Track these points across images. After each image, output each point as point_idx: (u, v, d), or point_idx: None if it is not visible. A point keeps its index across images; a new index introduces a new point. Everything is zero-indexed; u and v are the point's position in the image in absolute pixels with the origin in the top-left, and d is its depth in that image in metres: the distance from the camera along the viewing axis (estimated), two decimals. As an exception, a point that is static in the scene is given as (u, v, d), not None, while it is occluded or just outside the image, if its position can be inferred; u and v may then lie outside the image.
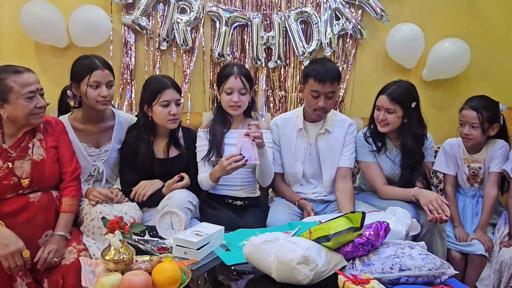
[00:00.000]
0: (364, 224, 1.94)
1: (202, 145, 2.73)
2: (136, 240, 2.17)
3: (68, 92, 2.59)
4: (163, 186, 2.61)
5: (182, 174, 2.62)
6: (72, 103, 2.62)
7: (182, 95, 3.38)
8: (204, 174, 2.66)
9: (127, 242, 1.90)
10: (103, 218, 2.10)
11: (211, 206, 2.67)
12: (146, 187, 2.59)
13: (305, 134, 2.81)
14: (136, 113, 2.77)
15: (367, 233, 1.93)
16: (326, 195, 2.83)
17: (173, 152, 2.71)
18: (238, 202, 2.72)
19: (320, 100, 2.66)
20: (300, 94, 3.54)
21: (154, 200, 2.57)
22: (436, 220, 2.41)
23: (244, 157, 2.46)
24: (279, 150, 2.85)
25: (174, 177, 2.59)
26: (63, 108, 2.68)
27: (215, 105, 2.89)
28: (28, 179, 2.23)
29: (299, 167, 2.83)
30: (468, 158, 2.84)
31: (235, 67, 2.70)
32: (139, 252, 2.08)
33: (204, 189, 2.71)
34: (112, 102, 3.33)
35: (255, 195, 2.81)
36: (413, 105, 2.68)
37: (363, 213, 1.93)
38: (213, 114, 2.85)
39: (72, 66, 2.56)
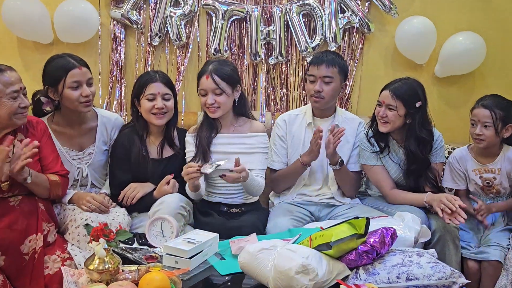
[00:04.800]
0: (369, 230, 1.93)
1: (190, 151, 2.72)
2: (124, 248, 2.17)
3: (42, 98, 2.58)
4: (154, 189, 2.60)
5: (169, 177, 2.60)
6: (48, 108, 2.63)
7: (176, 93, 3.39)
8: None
9: (113, 251, 1.90)
10: (86, 225, 2.10)
11: (206, 212, 2.67)
12: (136, 189, 2.59)
13: (314, 129, 2.81)
14: (126, 113, 2.78)
15: (372, 240, 1.92)
16: (331, 198, 2.83)
17: (167, 153, 2.73)
18: (234, 210, 2.72)
19: (316, 84, 2.71)
20: (303, 92, 3.53)
21: (144, 204, 2.56)
22: (450, 219, 2.40)
23: (199, 170, 2.42)
24: (285, 147, 2.87)
25: (166, 176, 2.59)
26: (35, 110, 2.65)
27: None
28: (8, 182, 2.23)
29: None
30: (480, 169, 2.78)
31: (210, 64, 2.68)
32: (127, 261, 2.07)
33: (192, 197, 2.67)
34: (101, 101, 3.37)
35: (252, 200, 2.80)
36: (417, 104, 2.66)
37: (368, 219, 1.91)
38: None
39: (44, 68, 2.55)
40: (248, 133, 2.73)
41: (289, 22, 3.46)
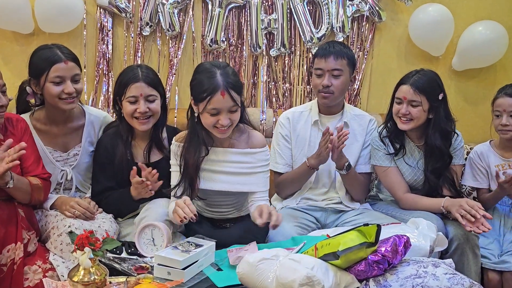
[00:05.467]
0: (380, 238, 1.93)
1: (174, 164, 2.53)
2: (111, 258, 2.16)
3: (28, 88, 2.58)
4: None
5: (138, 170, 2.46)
6: (32, 100, 2.62)
7: (168, 88, 3.39)
8: (171, 205, 2.43)
9: (99, 261, 1.89)
10: (70, 232, 2.10)
11: (200, 219, 2.64)
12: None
13: (321, 128, 2.82)
14: (113, 110, 2.75)
15: (383, 249, 1.92)
16: (339, 203, 2.83)
17: (156, 156, 2.69)
18: (228, 224, 2.67)
19: (324, 78, 2.70)
20: (308, 86, 3.54)
21: (125, 204, 2.56)
22: (471, 229, 2.39)
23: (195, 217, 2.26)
24: (290, 147, 2.87)
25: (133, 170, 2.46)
26: (22, 106, 2.67)
27: (188, 115, 2.52)
28: (-16, 187, 2.23)
29: None
30: (504, 164, 2.82)
31: (218, 74, 2.35)
32: (114, 272, 2.07)
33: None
34: (86, 97, 3.37)
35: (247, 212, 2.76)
36: (440, 96, 2.68)
37: (379, 226, 1.91)
38: (187, 128, 2.53)
39: (30, 58, 2.55)
40: (246, 149, 2.53)
41: (293, 10, 3.46)
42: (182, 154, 2.47)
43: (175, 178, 2.52)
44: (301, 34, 3.49)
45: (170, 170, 2.56)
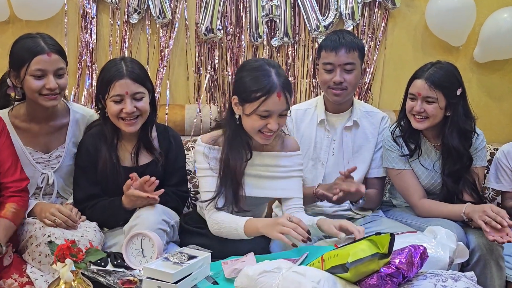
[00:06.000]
0: (394, 248, 1.93)
1: (203, 168, 2.51)
2: (95, 271, 2.16)
3: (8, 81, 2.58)
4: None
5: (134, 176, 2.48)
6: (13, 94, 2.62)
7: (158, 82, 3.39)
8: (227, 217, 2.43)
9: (82, 274, 1.89)
10: (50, 242, 2.09)
11: (195, 226, 2.65)
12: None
13: (328, 128, 2.82)
14: (96, 108, 2.75)
15: (398, 260, 1.92)
16: (348, 210, 2.83)
17: (145, 159, 2.68)
18: None
19: (335, 74, 2.69)
20: (314, 80, 3.54)
21: (114, 214, 2.56)
22: (495, 239, 2.39)
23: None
24: None
25: (129, 180, 2.48)
26: (2, 101, 2.67)
27: (228, 115, 2.54)
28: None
29: (320, 170, 2.85)
30: None
31: (273, 73, 2.35)
32: (99, 286, 2.06)
33: (216, 234, 2.49)
34: (67, 92, 3.36)
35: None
36: (458, 92, 2.68)
37: (392, 235, 1.90)
38: (225, 130, 2.52)
39: (11, 48, 2.55)
40: (282, 152, 2.57)
41: (297, -5, 3.47)
42: (222, 159, 2.46)
43: (208, 184, 2.49)
44: (306, 22, 3.50)
45: (197, 175, 2.58)
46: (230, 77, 3.48)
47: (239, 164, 2.45)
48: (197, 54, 3.51)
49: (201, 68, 3.49)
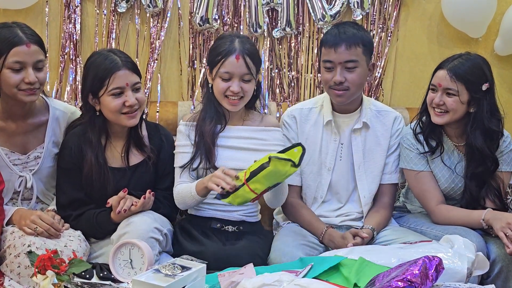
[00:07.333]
0: (407, 259, 1.93)
1: (184, 145, 2.75)
2: (79, 284, 2.17)
3: None
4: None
5: (122, 194, 2.52)
6: None
7: (149, 76, 3.40)
8: (184, 184, 2.67)
9: (65, 287, 1.88)
10: (30, 252, 2.10)
11: (190, 234, 2.67)
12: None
13: (335, 130, 2.82)
14: (82, 109, 2.74)
15: (410, 273, 1.92)
16: (357, 219, 2.83)
17: (135, 159, 2.71)
18: (230, 228, 2.71)
19: (335, 72, 2.68)
20: (319, 74, 3.53)
21: (101, 226, 2.57)
22: None
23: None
24: None
25: (118, 195, 2.51)
26: None
27: (204, 90, 2.87)
28: None
29: (325, 176, 2.84)
30: None
31: (236, 40, 2.70)
32: (83, 301, 2.08)
33: (181, 207, 2.70)
34: (49, 87, 3.37)
35: (254, 219, 2.81)
36: (484, 87, 2.69)
37: (303, 148, 2.42)
38: (202, 102, 2.85)
39: None
40: (261, 127, 2.81)
41: (301, -19, 3.48)
42: (197, 127, 2.74)
43: (184, 159, 2.72)
44: (311, 11, 3.50)
45: (175, 152, 2.77)
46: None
47: (212, 128, 2.73)
48: (191, 46, 3.51)
49: (195, 61, 3.49)
